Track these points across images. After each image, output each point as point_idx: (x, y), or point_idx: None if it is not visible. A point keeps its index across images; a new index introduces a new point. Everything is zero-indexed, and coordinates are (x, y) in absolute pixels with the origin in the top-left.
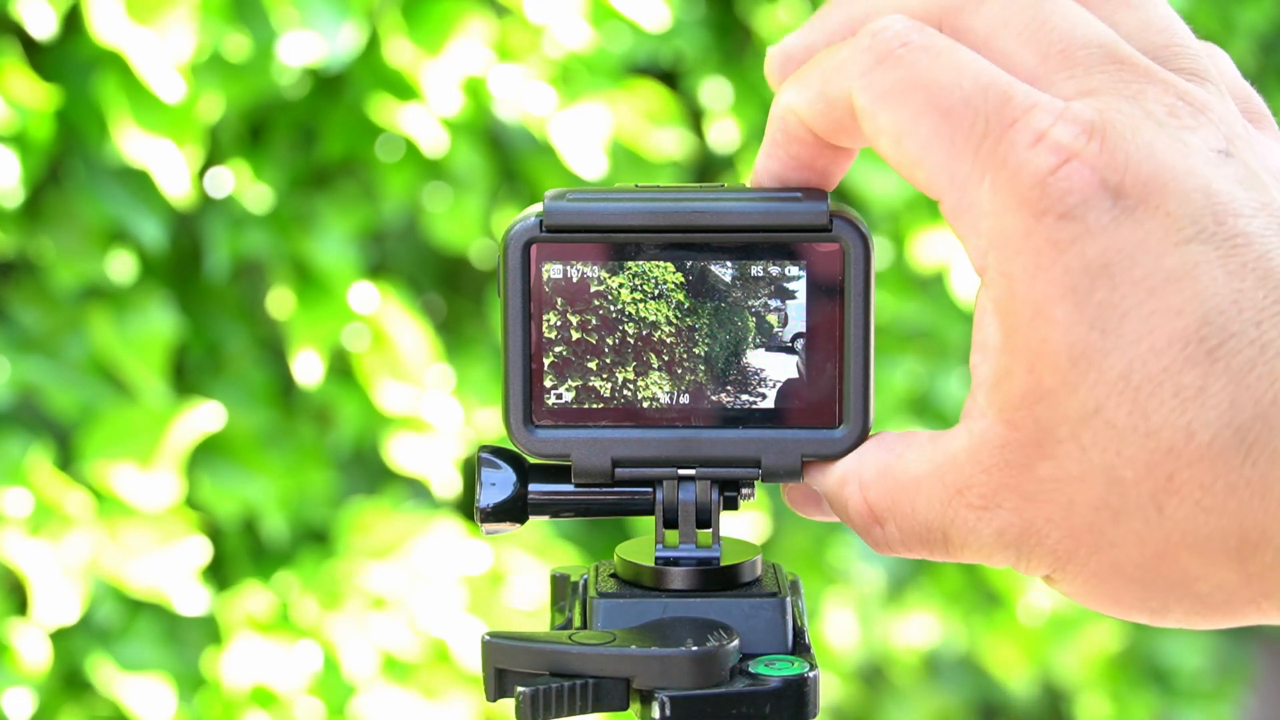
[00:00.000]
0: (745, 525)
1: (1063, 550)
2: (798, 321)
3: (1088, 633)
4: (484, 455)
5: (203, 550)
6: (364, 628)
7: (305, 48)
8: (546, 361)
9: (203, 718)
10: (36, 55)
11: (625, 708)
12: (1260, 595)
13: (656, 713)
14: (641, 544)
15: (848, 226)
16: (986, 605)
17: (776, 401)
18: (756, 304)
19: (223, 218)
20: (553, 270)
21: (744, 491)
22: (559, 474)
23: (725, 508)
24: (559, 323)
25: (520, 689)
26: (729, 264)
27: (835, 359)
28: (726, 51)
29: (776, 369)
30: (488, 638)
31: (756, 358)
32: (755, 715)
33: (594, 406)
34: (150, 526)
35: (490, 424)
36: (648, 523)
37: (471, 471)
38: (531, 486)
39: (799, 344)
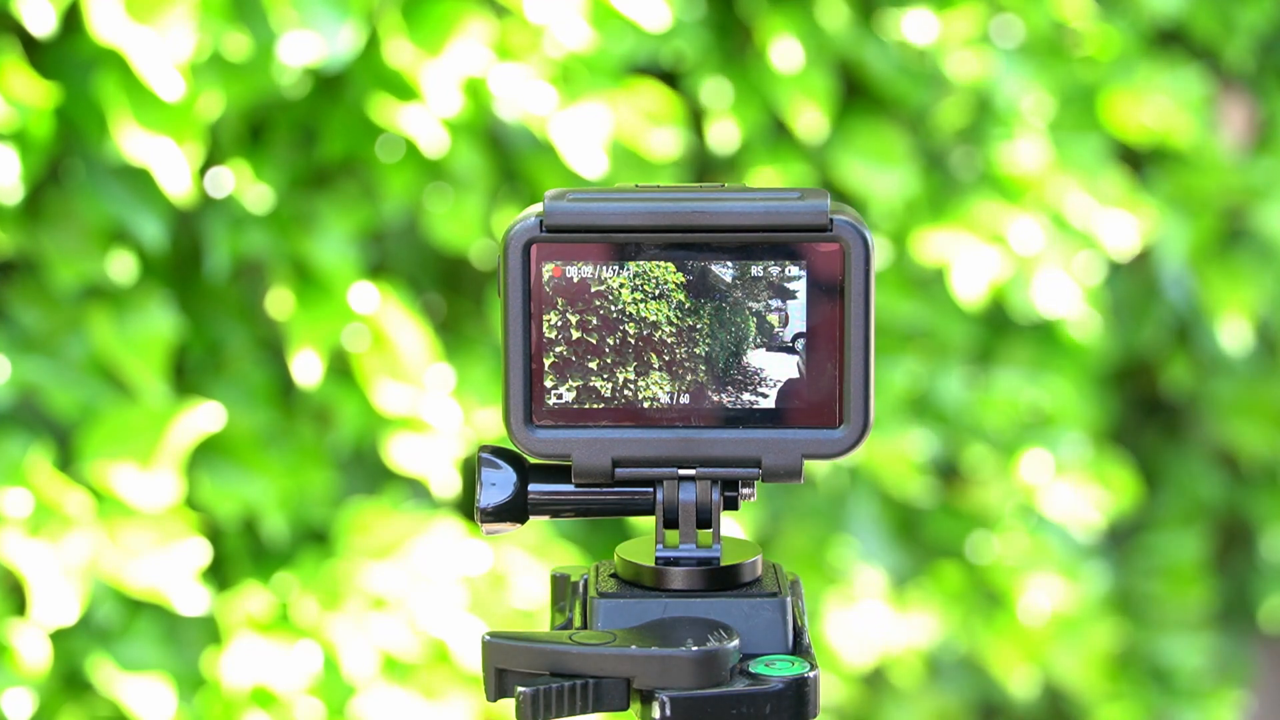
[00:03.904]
0: (745, 525)
1: None
2: (798, 321)
3: (1088, 633)
4: (484, 455)
5: (203, 550)
6: (364, 628)
7: (305, 48)
8: (547, 361)
9: (203, 718)
10: (36, 53)
11: (625, 708)
12: None
13: (657, 713)
14: (642, 544)
15: (848, 226)
16: (986, 605)
17: (777, 401)
18: (757, 304)
19: (223, 217)
20: (553, 270)
21: (744, 491)
22: (559, 474)
23: (725, 508)
24: (559, 323)
25: (520, 689)
26: (729, 264)
27: (836, 359)
28: (726, 51)
29: (777, 369)
30: (488, 638)
31: (757, 358)
32: (755, 715)
33: (594, 406)
34: (150, 527)
35: (490, 424)
36: (648, 523)
37: (471, 471)
38: (532, 486)
39: (799, 344)
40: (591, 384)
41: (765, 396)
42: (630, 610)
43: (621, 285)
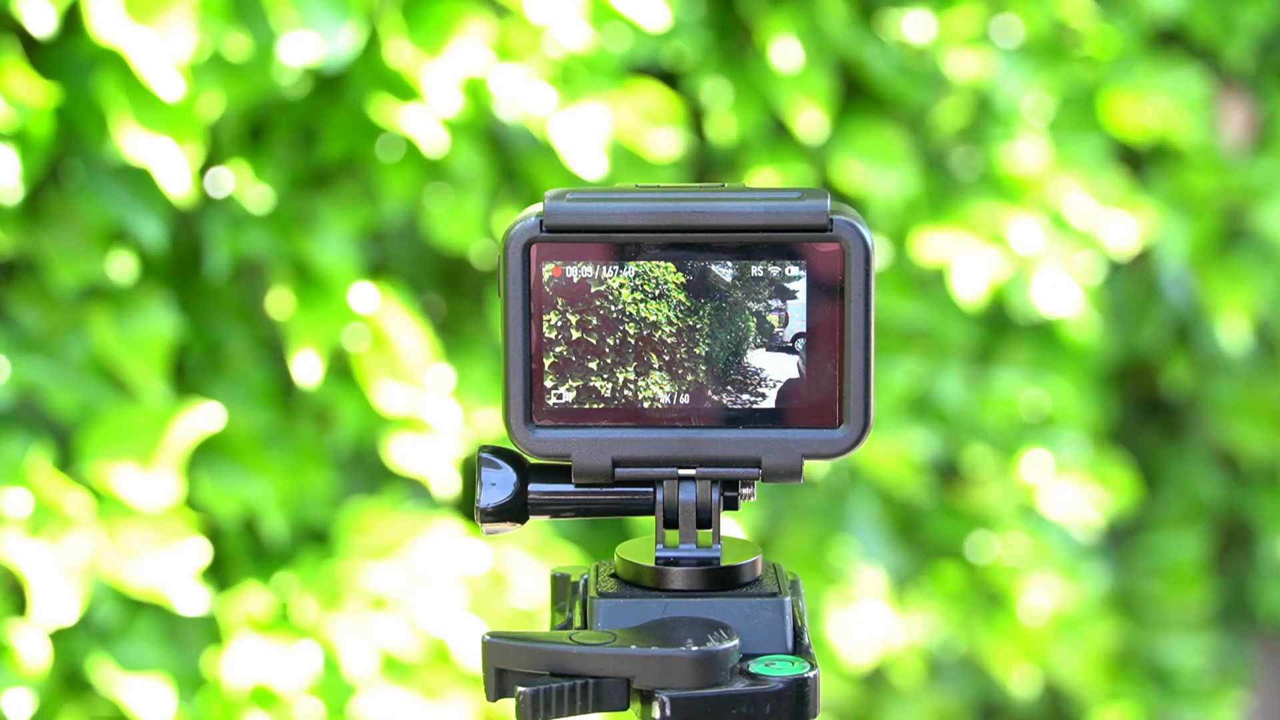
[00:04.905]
0: (745, 525)
1: None
2: (798, 321)
3: (1088, 633)
4: (484, 455)
5: (203, 550)
6: (364, 628)
7: (305, 48)
8: (547, 362)
9: (203, 718)
10: (36, 54)
11: (625, 708)
12: None
13: (657, 713)
14: (642, 544)
15: (848, 226)
16: (986, 605)
17: (777, 401)
18: (757, 304)
19: (223, 218)
20: (553, 270)
21: (744, 491)
22: (559, 474)
23: (725, 508)
24: (559, 323)
25: (520, 689)
26: (729, 264)
27: (836, 359)
28: (726, 51)
29: (777, 369)
30: (488, 638)
31: (757, 357)
32: (755, 715)
33: (594, 406)
34: (150, 527)
35: (490, 424)
36: (648, 523)
37: (471, 471)
38: (532, 486)
39: (799, 344)
40: (591, 384)
41: (765, 396)
42: (630, 610)
43: (621, 285)
